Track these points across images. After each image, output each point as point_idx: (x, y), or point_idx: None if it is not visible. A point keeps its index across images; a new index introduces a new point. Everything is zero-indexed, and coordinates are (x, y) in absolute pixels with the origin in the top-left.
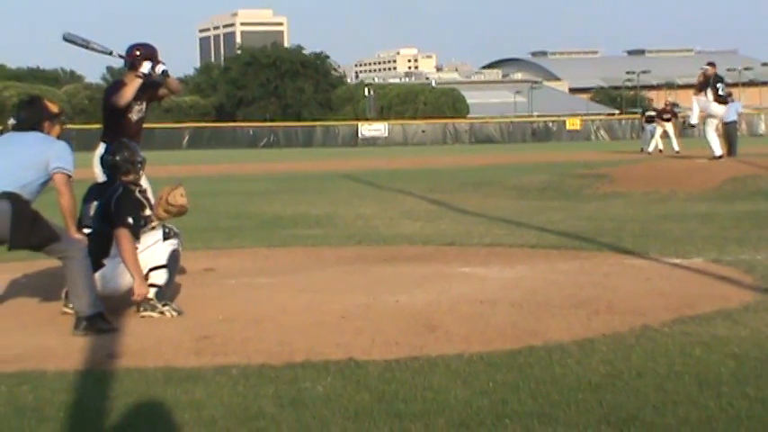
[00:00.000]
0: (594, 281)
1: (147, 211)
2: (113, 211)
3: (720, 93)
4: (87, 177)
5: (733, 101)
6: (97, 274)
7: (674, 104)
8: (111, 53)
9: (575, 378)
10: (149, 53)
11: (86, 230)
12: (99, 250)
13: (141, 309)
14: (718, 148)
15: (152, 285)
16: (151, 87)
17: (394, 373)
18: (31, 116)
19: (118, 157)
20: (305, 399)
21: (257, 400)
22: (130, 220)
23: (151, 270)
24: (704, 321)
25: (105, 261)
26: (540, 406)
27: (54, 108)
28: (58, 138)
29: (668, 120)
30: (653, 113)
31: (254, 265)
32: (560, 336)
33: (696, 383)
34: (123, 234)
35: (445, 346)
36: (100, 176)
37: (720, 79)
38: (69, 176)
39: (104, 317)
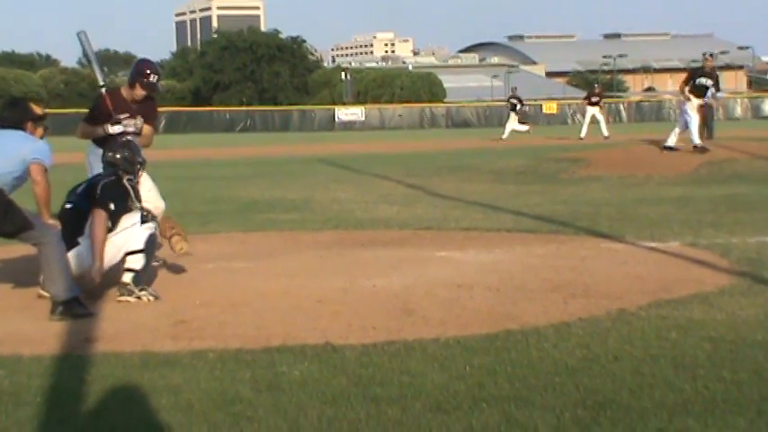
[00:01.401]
0: (571, 265)
1: (131, 202)
2: (99, 194)
3: (697, 83)
4: (66, 162)
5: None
6: (72, 253)
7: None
8: (101, 85)
9: (551, 362)
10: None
11: (68, 206)
12: (75, 228)
13: (118, 293)
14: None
15: (129, 270)
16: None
17: (371, 358)
18: (13, 116)
19: (118, 156)
20: (282, 383)
21: (234, 384)
22: (112, 206)
23: (128, 254)
24: (680, 305)
25: (80, 240)
26: (516, 390)
27: (38, 110)
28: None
29: (596, 104)
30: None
31: (231, 250)
32: (537, 320)
33: (672, 367)
34: (100, 215)
35: (422, 330)
36: (93, 165)
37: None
38: (45, 168)
39: (80, 301)
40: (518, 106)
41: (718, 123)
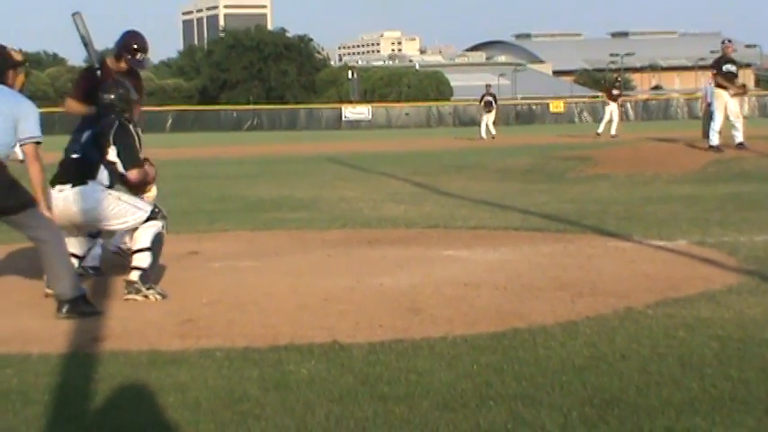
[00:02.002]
0: (578, 263)
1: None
2: (118, 150)
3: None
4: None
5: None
6: (76, 190)
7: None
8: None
9: (558, 360)
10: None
11: (74, 155)
12: (83, 174)
13: (126, 291)
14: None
15: (136, 268)
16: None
17: (378, 356)
18: None
19: (113, 95)
20: (289, 381)
21: (242, 382)
22: (135, 172)
23: (134, 252)
24: (688, 303)
25: (91, 183)
26: (523, 388)
27: (18, 56)
28: (22, 88)
29: (616, 99)
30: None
31: (238, 249)
32: (544, 318)
33: (679, 365)
34: (134, 175)
35: (429, 329)
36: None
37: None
38: (38, 144)
39: (87, 299)
40: (493, 104)
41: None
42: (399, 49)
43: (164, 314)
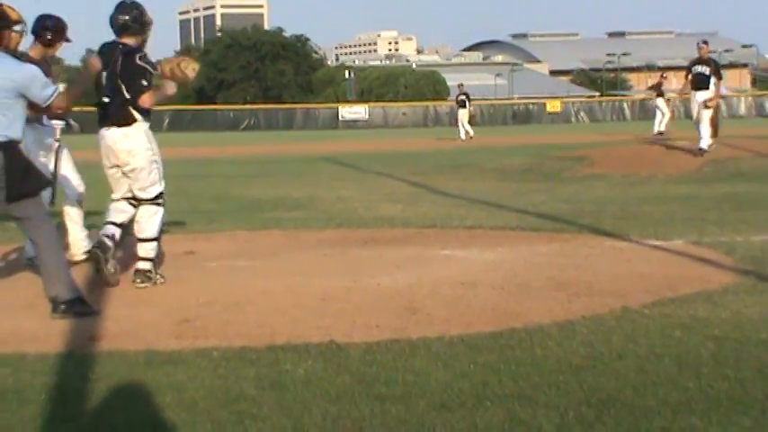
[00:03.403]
0: (575, 263)
1: (154, 71)
2: (126, 83)
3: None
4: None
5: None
6: (123, 131)
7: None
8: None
9: (555, 360)
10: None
11: (105, 99)
12: (117, 116)
13: (138, 279)
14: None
15: (145, 259)
16: None
17: (375, 356)
18: None
19: (128, 17)
20: (286, 381)
21: (238, 382)
22: (144, 83)
23: (143, 241)
24: (684, 303)
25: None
26: (520, 388)
27: (14, 15)
28: (17, 47)
29: (662, 94)
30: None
31: (235, 249)
32: (541, 318)
33: (676, 365)
34: (145, 99)
35: (426, 329)
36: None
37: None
38: (60, 94)
39: (83, 300)
40: (467, 103)
41: (722, 121)
42: (396, 49)
43: (160, 314)
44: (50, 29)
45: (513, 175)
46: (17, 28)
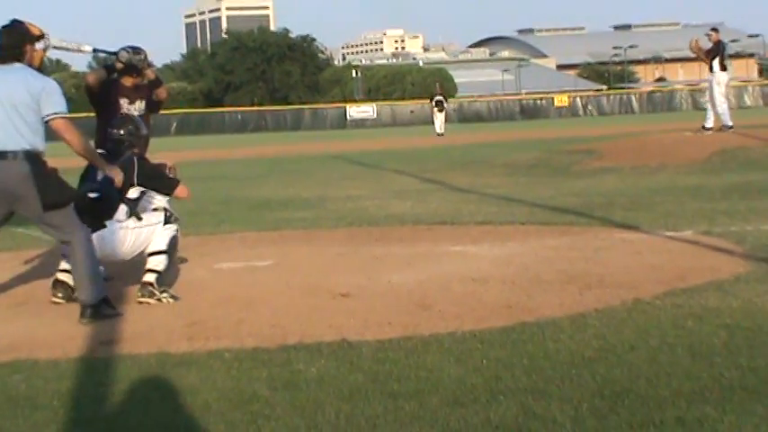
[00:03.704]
0: (586, 256)
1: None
2: (157, 189)
3: (725, 60)
4: (75, 166)
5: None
6: (96, 235)
7: None
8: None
9: (568, 353)
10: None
11: (93, 195)
12: (103, 214)
13: (140, 294)
14: (711, 120)
15: (152, 271)
16: (143, 88)
17: (387, 354)
18: (12, 42)
19: (122, 131)
20: (298, 381)
21: (251, 383)
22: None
23: (151, 255)
24: (696, 293)
25: (107, 223)
26: (533, 382)
27: (36, 30)
28: (41, 64)
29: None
30: None
31: (245, 250)
32: (553, 311)
33: (689, 355)
34: (182, 192)
35: (438, 325)
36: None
37: (725, 46)
38: (66, 118)
39: (109, 302)
40: (444, 103)
41: (730, 111)
42: (403, 47)
43: (172, 316)
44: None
45: (522, 170)
46: (39, 45)
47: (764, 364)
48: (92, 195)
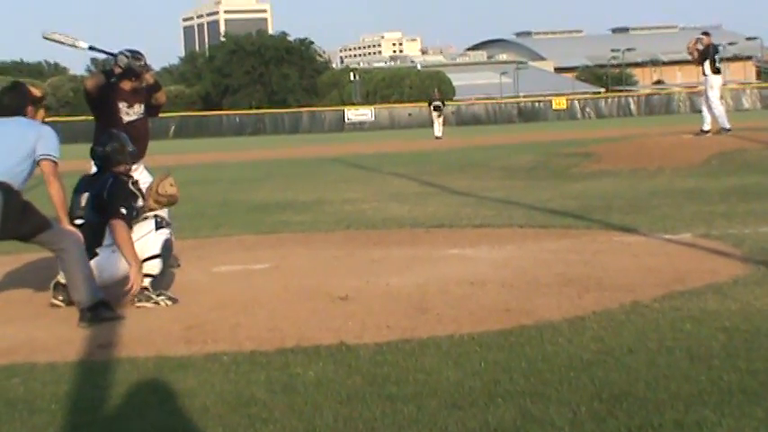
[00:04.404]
0: (584, 259)
1: (140, 202)
2: (106, 202)
3: (717, 64)
4: (75, 170)
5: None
6: (92, 264)
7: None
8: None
9: (566, 356)
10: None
11: (78, 221)
12: (92, 241)
13: (136, 299)
14: (708, 123)
15: (146, 275)
16: (141, 92)
17: (385, 356)
18: (13, 102)
19: (108, 148)
20: (296, 384)
21: (249, 386)
22: (124, 211)
23: (145, 260)
24: (694, 296)
25: (99, 251)
26: (532, 385)
27: (37, 92)
28: (42, 123)
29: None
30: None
31: (243, 253)
32: (551, 314)
33: (687, 358)
34: (119, 224)
35: (436, 328)
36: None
37: (717, 49)
38: (56, 164)
39: (107, 304)
40: (441, 107)
41: (727, 114)
42: (401, 50)
43: (170, 320)
44: None
45: (520, 173)
46: (39, 104)
47: (763, 367)
48: (77, 222)
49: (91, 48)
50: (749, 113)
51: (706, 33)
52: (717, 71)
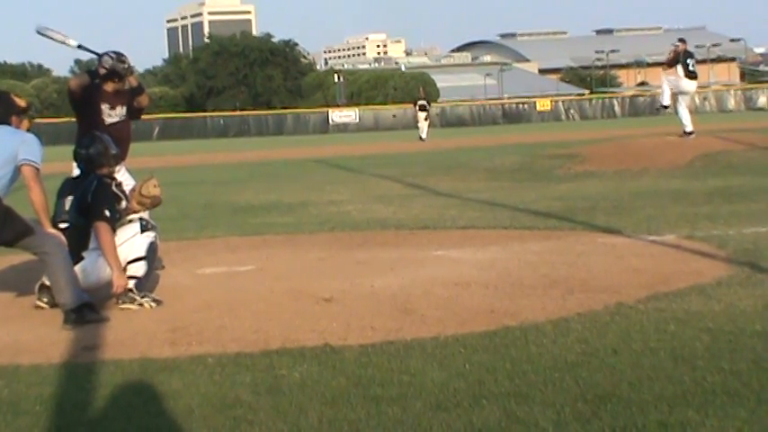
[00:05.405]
0: (568, 260)
1: (123, 204)
2: (90, 205)
3: (691, 68)
4: (58, 171)
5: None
6: (77, 268)
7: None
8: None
9: (550, 357)
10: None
11: (63, 225)
12: (77, 244)
13: (120, 301)
14: (689, 123)
15: (131, 277)
16: (124, 94)
17: (370, 358)
18: None
19: (92, 150)
20: (281, 386)
21: (234, 388)
22: (107, 213)
23: (130, 262)
24: (678, 297)
25: (84, 254)
26: (516, 386)
27: (21, 103)
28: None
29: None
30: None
31: (227, 254)
32: (535, 316)
33: (671, 359)
34: (102, 227)
35: (421, 330)
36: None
37: (690, 55)
38: (38, 170)
39: (92, 306)
40: (428, 107)
41: (711, 115)
42: (385, 52)
43: (154, 322)
44: None
45: (504, 175)
46: (23, 115)
47: (746, 368)
48: (62, 226)
49: (80, 46)
50: (733, 115)
51: (681, 40)
52: (690, 76)
